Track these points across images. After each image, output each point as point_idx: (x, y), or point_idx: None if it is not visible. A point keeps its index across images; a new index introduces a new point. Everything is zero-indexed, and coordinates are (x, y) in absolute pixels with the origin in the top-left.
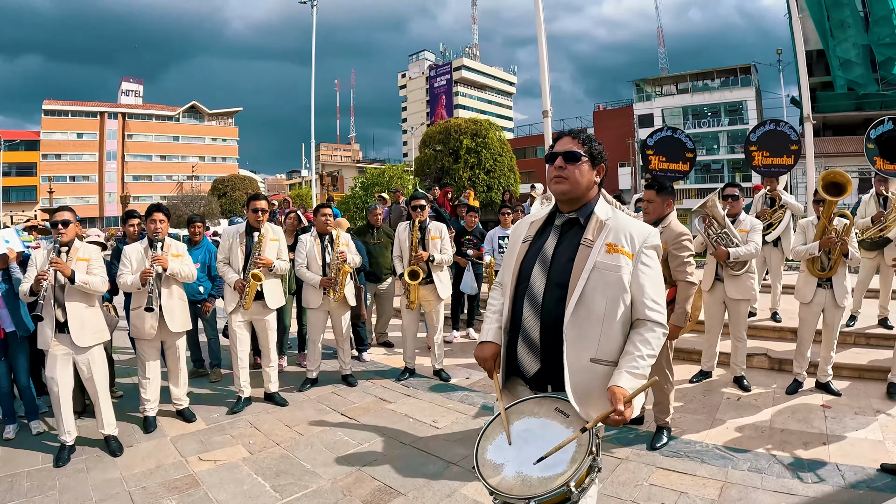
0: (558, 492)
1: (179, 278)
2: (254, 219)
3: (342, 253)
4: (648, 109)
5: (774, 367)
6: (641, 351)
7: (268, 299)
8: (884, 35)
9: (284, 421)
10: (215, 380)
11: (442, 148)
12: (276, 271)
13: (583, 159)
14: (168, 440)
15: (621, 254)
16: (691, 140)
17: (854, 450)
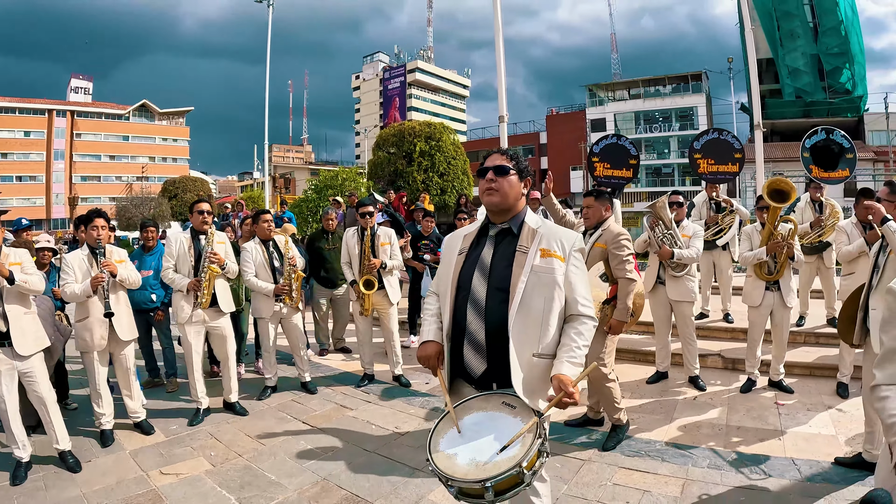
0: (511, 473)
1: (126, 284)
2: (199, 221)
3: (293, 258)
4: (601, 114)
5: (728, 366)
6: (577, 342)
7: (221, 303)
8: (832, 45)
9: (246, 431)
10: (172, 390)
11: (396, 151)
12: (227, 271)
13: (511, 173)
14: (127, 454)
15: (554, 257)
16: (635, 147)
17: (808, 445)
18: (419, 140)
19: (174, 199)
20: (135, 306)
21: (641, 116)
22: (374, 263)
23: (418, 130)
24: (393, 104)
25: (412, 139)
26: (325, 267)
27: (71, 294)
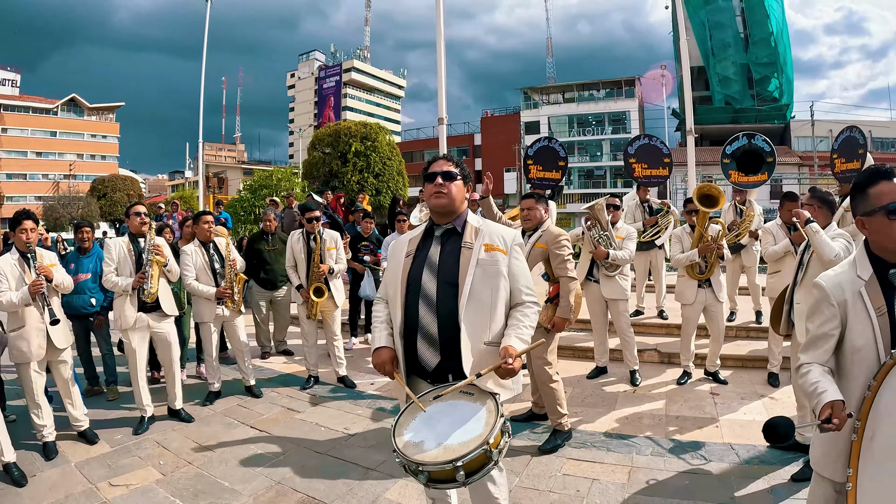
0: (479, 451)
1: (61, 289)
2: (137, 224)
3: (234, 261)
4: (535, 117)
5: (664, 360)
6: (524, 322)
7: (164, 306)
8: (762, 55)
9: (193, 438)
10: (113, 398)
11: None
12: (169, 270)
13: (458, 178)
14: (73, 466)
15: (498, 251)
16: (564, 149)
17: (744, 431)
18: (355, 140)
19: (103, 199)
20: (73, 311)
21: (575, 120)
22: (322, 270)
23: (354, 131)
24: (328, 103)
25: (348, 139)
26: (265, 268)
27: (8, 303)
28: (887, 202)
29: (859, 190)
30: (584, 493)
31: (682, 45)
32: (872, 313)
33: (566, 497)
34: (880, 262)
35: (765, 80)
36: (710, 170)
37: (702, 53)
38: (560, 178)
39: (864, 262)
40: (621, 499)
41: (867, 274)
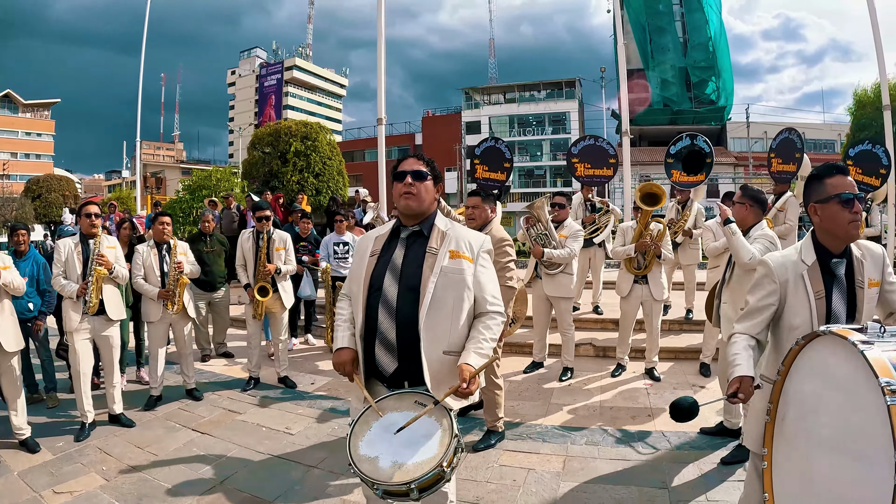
0: (434, 472)
1: (10, 290)
2: (87, 225)
3: (179, 264)
4: (476, 117)
5: (599, 354)
6: (485, 335)
7: (109, 310)
8: (699, 59)
9: (135, 443)
10: (53, 405)
11: (271, 150)
12: (115, 276)
13: (428, 178)
14: (16, 476)
15: (463, 258)
16: (509, 150)
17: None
18: (295, 140)
19: (38, 200)
20: None
21: (516, 120)
22: (268, 269)
23: (294, 130)
24: (269, 102)
25: (288, 139)
26: (204, 270)
27: None
28: (840, 192)
29: (817, 179)
30: (520, 482)
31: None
32: (811, 296)
33: (503, 486)
34: (825, 251)
35: (702, 83)
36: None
37: (641, 57)
38: (505, 179)
39: (809, 249)
40: (556, 486)
41: (811, 260)
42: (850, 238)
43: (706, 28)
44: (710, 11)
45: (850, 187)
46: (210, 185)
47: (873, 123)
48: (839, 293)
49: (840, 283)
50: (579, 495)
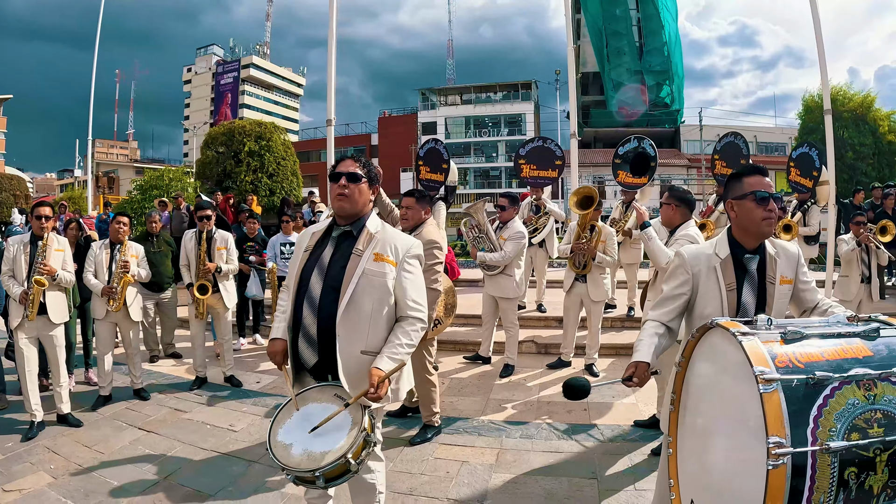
0: (337, 463)
1: None
2: (37, 226)
3: (126, 262)
4: (433, 118)
5: (541, 350)
6: (402, 340)
7: (51, 313)
8: (655, 63)
9: (83, 442)
10: (2, 407)
11: (225, 150)
12: (59, 282)
13: (363, 180)
14: None
15: (386, 262)
16: (447, 151)
17: (613, 413)
18: (249, 140)
19: None
20: None
21: (472, 121)
22: (209, 268)
23: (248, 130)
24: (225, 100)
25: (242, 138)
26: (151, 270)
27: None
28: (755, 189)
29: (736, 178)
30: (453, 474)
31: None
32: (723, 288)
33: (436, 478)
34: (739, 246)
35: (657, 86)
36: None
37: (598, 60)
38: (443, 179)
39: (723, 244)
40: (488, 478)
41: (724, 254)
42: (763, 234)
43: (662, 33)
44: (666, 17)
45: (767, 187)
46: (162, 184)
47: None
48: (750, 287)
49: (751, 278)
50: (509, 486)
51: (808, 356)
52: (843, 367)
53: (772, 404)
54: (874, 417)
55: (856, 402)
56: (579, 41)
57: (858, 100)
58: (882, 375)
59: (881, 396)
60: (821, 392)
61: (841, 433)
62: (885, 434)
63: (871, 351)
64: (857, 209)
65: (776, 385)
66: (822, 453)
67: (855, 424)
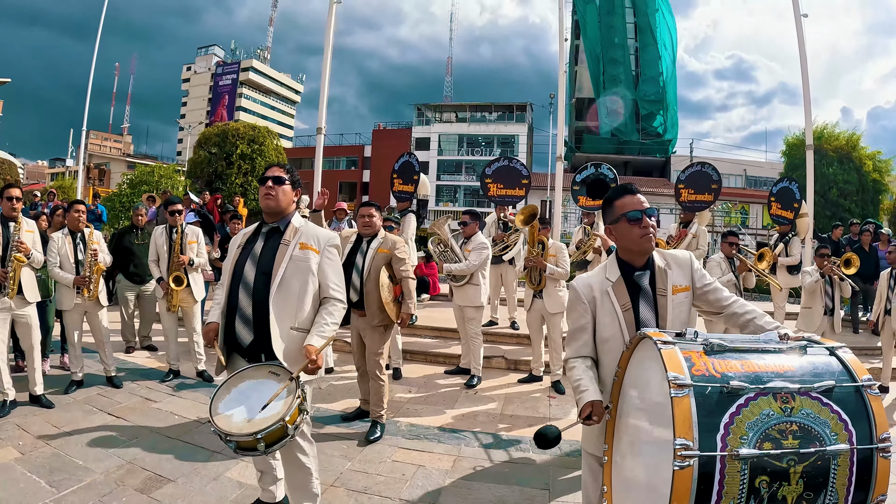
0: (276, 426)
1: None
2: (8, 208)
3: (95, 251)
4: (426, 133)
5: (511, 366)
6: (327, 319)
7: (26, 292)
8: (650, 93)
9: (52, 422)
10: None
11: (217, 151)
12: (31, 261)
13: (287, 183)
14: None
15: (311, 250)
16: (419, 163)
17: (574, 428)
18: (242, 143)
19: None
20: None
21: (465, 139)
22: (182, 259)
23: (242, 132)
24: (222, 102)
25: (235, 141)
26: (134, 262)
27: None
28: (627, 210)
29: (608, 203)
30: (408, 476)
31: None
32: (618, 309)
33: (391, 479)
34: (628, 266)
35: (650, 115)
36: None
37: (593, 86)
38: (413, 190)
39: (613, 267)
40: (442, 482)
41: (615, 276)
42: (645, 250)
43: (658, 63)
44: (663, 48)
45: (637, 205)
46: (152, 181)
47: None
48: (645, 303)
49: (645, 293)
50: (462, 491)
51: (726, 367)
52: (762, 380)
53: (681, 408)
54: (789, 429)
55: (770, 413)
56: (577, 67)
57: (844, 139)
58: (801, 390)
59: (798, 409)
60: (734, 401)
61: (752, 441)
62: (799, 446)
63: (794, 367)
64: (835, 244)
65: (688, 391)
66: (732, 459)
67: (768, 434)
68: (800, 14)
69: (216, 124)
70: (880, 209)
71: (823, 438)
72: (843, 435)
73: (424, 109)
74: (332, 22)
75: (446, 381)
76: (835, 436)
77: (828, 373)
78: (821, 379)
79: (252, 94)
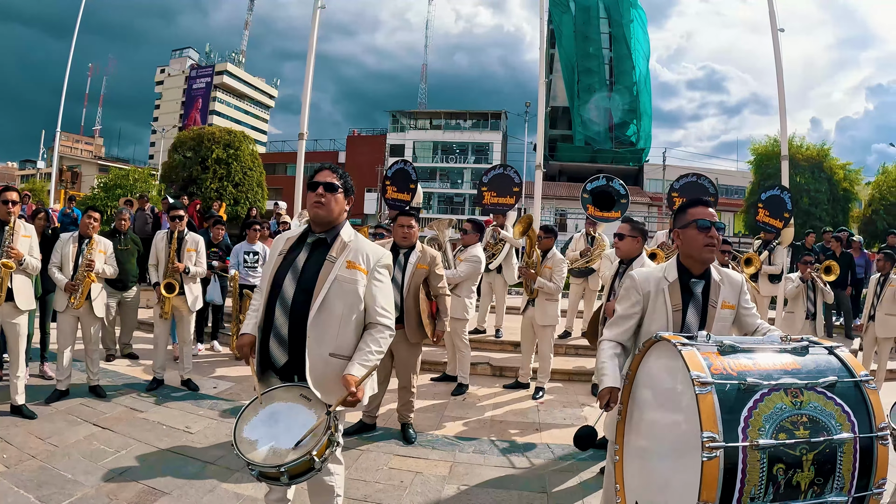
0: (303, 459)
1: None
2: (3, 211)
3: (91, 261)
4: (401, 140)
5: (496, 373)
6: (371, 348)
7: (18, 299)
8: (623, 102)
9: (36, 434)
10: None
11: (192, 155)
12: (25, 267)
13: (339, 190)
14: None
15: (358, 270)
16: (415, 173)
17: (563, 433)
18: (217, 147)
19: None
20: None
21: (440, 146)
22: (177, 267)
23: (218, 137)
24: (196, 105)
25: (210, 145)
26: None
27: None
28: (698, 218)
29: (682, 210)
30: (406, 483)
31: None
32: (669, 308)
33: (390, 487)
34: (686, 271)
35: (624, 125)
36: (565, 204)
37: (568, 95)
38: (409, 199)
39: (672, 269)
40: (440, 488)
41: (672, 277)
42: (706, 260)
43: (632, 73)
44: (637, 58)
45: (709, 216)
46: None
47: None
48: (694, 309)
49: (696, 301)
50: (461, 497)
51: (741, 366)
52: (773, 377)
53: (706, 404)
54: (800, 421)
55: (783, 407)
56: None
57: (814, 150)
58: (808, 385)
59: (807, 403)
60: (751, 396)
61: (769, 432)
62: (810, 436)
63: (799, 364)
64: (808, 251)
65: (710, 388)
66: (752, 449)
67: (782, 426)
68: (776, 28)
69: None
70: (850, 217)
71: (830, 429)
72: (847, 425)
73: (399, 116)
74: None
75: (434, 388)
76: (839, 426)
77: (829, 369)
78: (824, 375)
79: (226, 97)
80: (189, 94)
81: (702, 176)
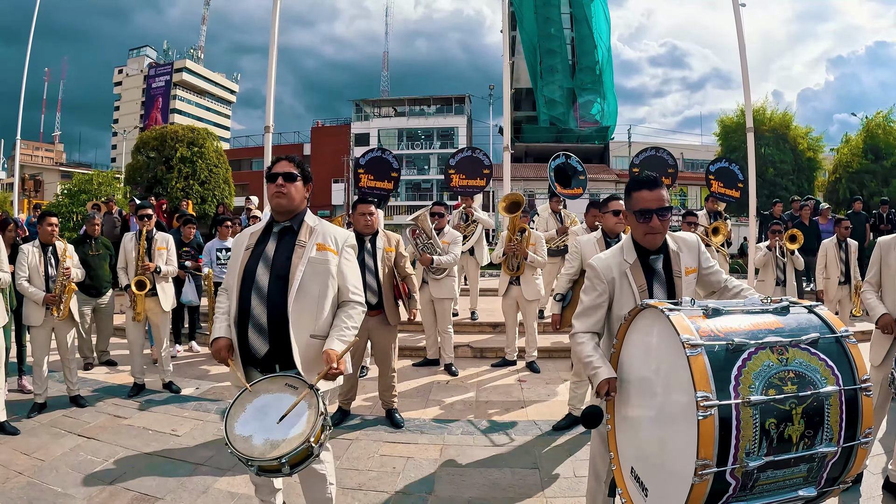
0: (301, 448)
1: None
2: None
3: (67, 269)
4: (366, 129)
5: (477, 355)
6: (347, 323)
7: None
8: (587, 81)
9: (21, 449)
10: None
11: (156, 155)
12: None
13: (298, 179)
14: None
15: (329, 251)
16: (397, 161)
17: (548, 409)
18: (181, 145)
19: None
20: None
21: (405, 133)
22: (148, 266)
23: (181, 135)
24: (156, 104)
25: (174, 144)
26: (89, 274)
27: None
28: (639, 207)
29: (627, 191)
30: (399, 469)
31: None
32: (636, 289)
33: (383, 473)
34: (643, 250)
35: (588, 104)
36: (531, 185)
37: (531, 76)
38: (392, 188)
39: (630, 249)
40: (433, 470)
41: (632, 258)
42: (650, 245)
43: (594, 52)
44: (598, 37)
45: (651, 202)
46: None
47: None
48: (659, 284)
49: (659, 276)
50: (455, 478)
51: (727, 328)
52: (758, 336)
53: (698, 365)
54: (787, 377)
55: (770, 364)
56: (513, 58)
57: (777, 118)
58: (792, 342)
59: (793, 359)
60: (739, 356)
61: (759, 389)
62: (797, 390)
63: (782, 324)
64: (776, 220)
65: (701, 350)
66: (745, 406)
67: (771, 382)
68: (738, 3)
69: (153, 128)
70: (815, 186)
71: (816, 382)
72: (832, 379)
73: (363, 105)
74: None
75: (417, 372)
76: (825, 380)
77: (811, 327)
78: (806, 332)
79: (186, 95)
80: (149, 94)
81: (661, 149)
